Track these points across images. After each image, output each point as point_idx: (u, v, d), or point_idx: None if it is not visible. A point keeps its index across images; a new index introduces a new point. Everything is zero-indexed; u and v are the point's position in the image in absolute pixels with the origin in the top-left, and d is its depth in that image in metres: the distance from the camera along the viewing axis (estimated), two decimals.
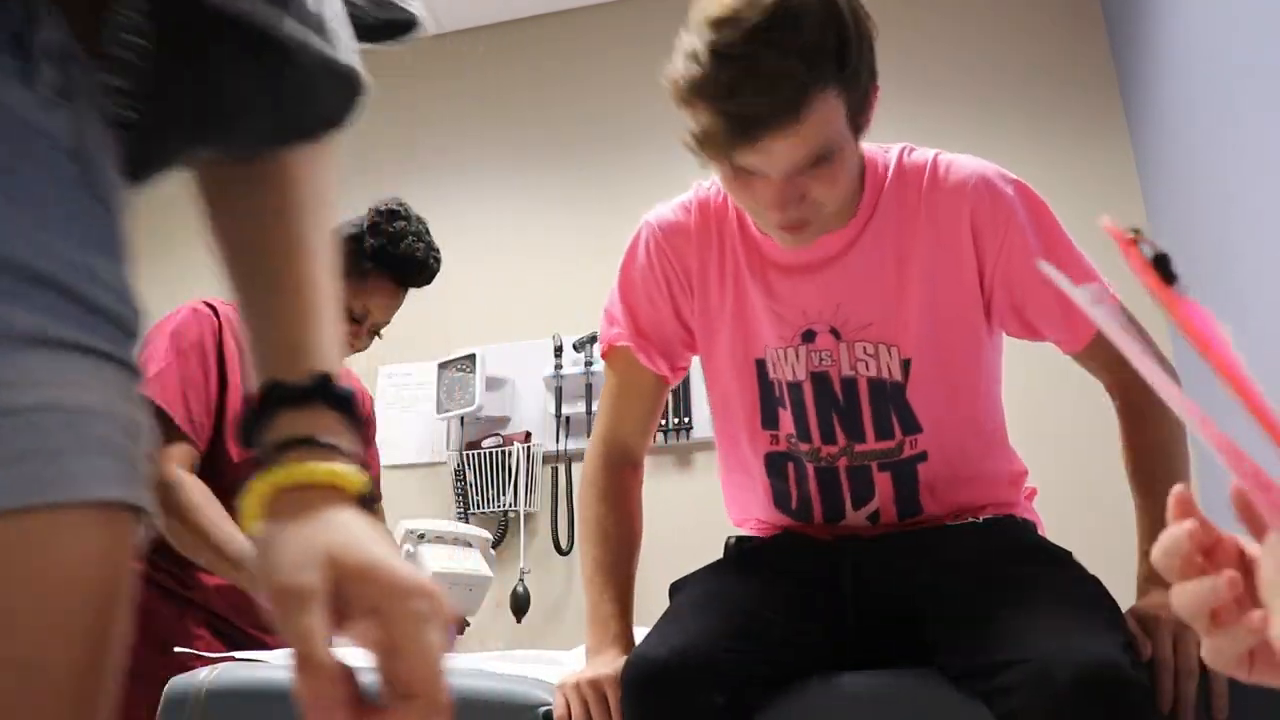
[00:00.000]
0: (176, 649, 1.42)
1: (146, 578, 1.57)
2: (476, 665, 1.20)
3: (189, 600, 1.60)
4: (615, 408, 1.27)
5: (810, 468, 1.19)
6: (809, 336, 1.16)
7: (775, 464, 1.22)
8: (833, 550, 1.16)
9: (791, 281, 1.16)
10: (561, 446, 2.96)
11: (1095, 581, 1.02)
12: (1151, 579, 1.01)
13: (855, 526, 1.19)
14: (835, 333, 1.15)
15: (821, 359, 1.16)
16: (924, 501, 1.17)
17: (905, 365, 1.14)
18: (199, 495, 1.53)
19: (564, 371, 2.94)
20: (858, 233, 1.14)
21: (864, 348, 1.14)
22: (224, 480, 1.60)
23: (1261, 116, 1.83)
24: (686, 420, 2.83)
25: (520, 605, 2.80)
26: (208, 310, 1.67)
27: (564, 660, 1.35)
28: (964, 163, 1.14)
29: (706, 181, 1.22)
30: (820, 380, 1.16)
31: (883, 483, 1.17)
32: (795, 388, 1.18)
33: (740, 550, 1.23)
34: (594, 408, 2.83)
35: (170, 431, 1.55)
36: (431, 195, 3.00)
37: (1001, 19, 3.05)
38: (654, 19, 3.86)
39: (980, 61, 3.01)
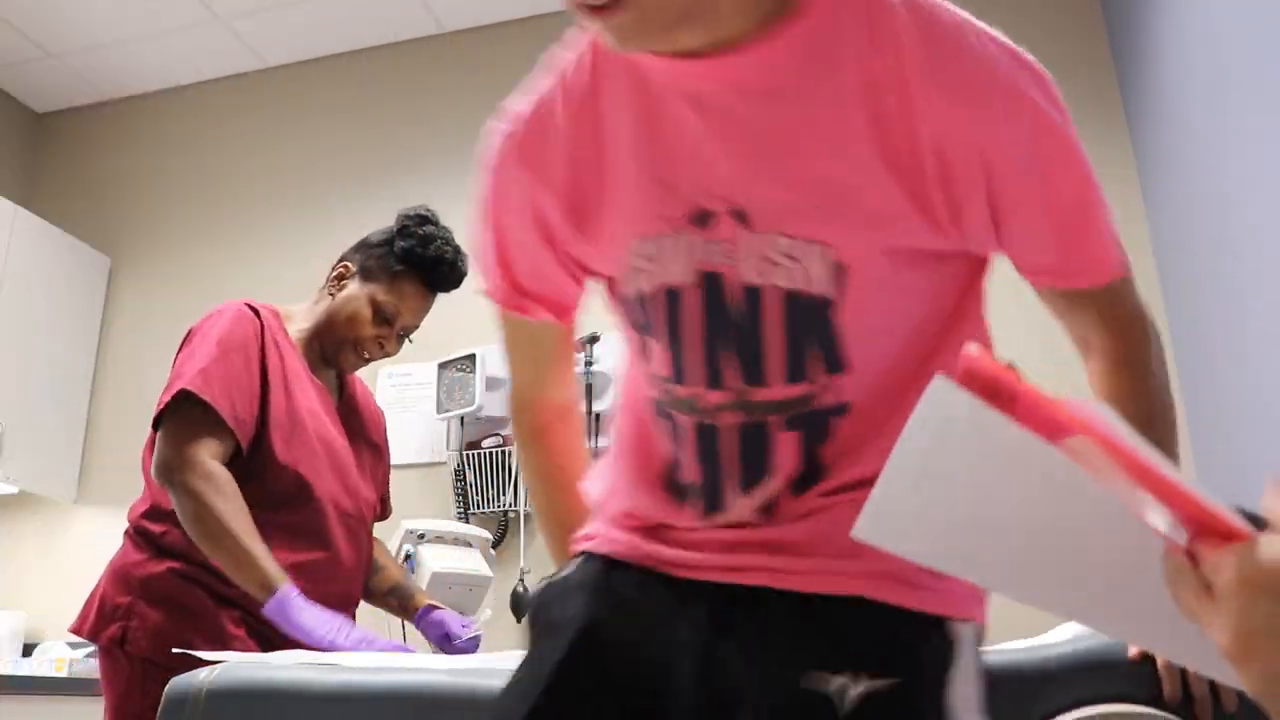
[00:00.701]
0: (174, 649, 1.43)
1: (191, 578, 1.60)
2: (478, 665, 1.20)
3: (227, 599, 1.61)
4: (512, 360, 1.05)
5: (689, 425, 0.83)
6: (703, 219, 0.79)
7: (662, 416, 0.86)
8: (671, 621, 0.80)
9: (687, 129, 0.78)
10: None
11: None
12: None
13: (735, 530, 0.82)
14: (742, 217, 0.77)
15: (715, 255, 0.78)
16: (828, 466, 0.81)
17: (838, 272, 0.76)
18: (229, 487, 1.55)
19: None
20: (788, 60, 0.75)
21: (782, 244, 0.76)
22: (268, 481, 1.62)
23: (1261, 116, 1.83)
24: None
25: (520, 605, 2.79)
26: (250, 313, 1.70)
27: None
28: (975, 23, 0.83)
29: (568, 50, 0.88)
30: (712, 286, 0.79)
31: (787, 449, 0.80)
32: (672, 297, 0.80)
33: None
34: (594, 408, 2.83)
35: (212, 425, 1.57)
36: (432, 195, 2.99)
37: (1001, 19, 3.04)
38: None
39: None
